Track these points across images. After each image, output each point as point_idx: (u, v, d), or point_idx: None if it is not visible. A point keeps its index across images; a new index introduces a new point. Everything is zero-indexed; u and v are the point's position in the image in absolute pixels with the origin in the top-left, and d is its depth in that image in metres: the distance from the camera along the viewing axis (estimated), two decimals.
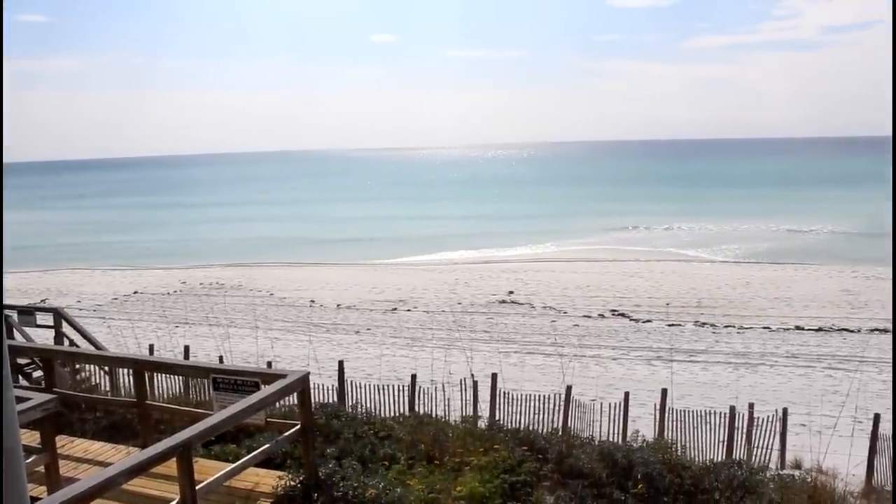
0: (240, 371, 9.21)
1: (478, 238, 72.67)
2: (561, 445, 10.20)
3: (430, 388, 16.74)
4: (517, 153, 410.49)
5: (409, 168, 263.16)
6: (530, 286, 45.99)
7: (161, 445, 6.87)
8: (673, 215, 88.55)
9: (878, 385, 26.83)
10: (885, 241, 67.63)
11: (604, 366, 29.47)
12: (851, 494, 11.55)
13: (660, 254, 62.72)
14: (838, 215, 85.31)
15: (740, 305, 40.58)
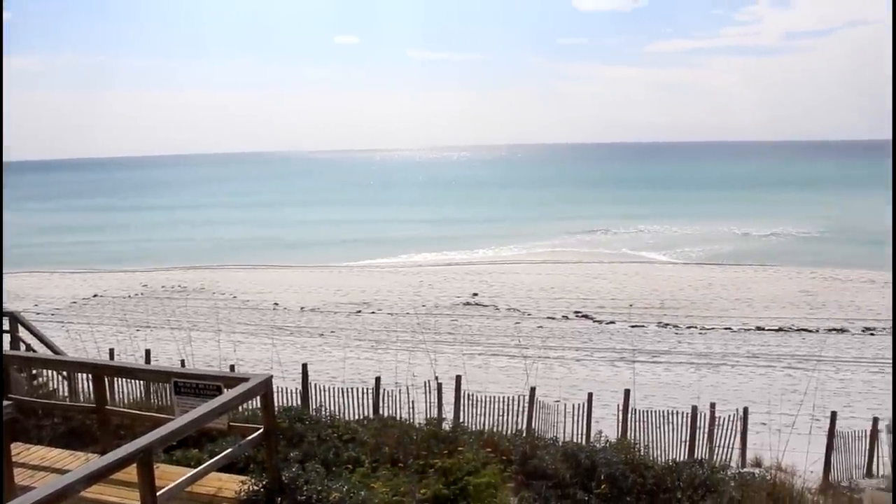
0: (202, 375, 9.10)
1: (442, 240, 72.72)
2: (525, 447, 10.22)
3: (395, 390, 16.70)
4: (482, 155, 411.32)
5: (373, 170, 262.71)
6: (495, 288, 46.12)
7: (121, 451, 6.77)
8: (637, 218, 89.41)
9: (836, 384, 27.30)
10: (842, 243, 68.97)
11: (568, 367, 29.63)
12: (809, 491, 11.74)
13: (623, 256, 63.29)
14: (798, 218, 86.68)
15: (702, 306, 41.04)
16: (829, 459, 14.39)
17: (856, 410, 23.11)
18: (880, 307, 40.68)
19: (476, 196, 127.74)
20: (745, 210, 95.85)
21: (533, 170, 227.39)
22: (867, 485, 13.16)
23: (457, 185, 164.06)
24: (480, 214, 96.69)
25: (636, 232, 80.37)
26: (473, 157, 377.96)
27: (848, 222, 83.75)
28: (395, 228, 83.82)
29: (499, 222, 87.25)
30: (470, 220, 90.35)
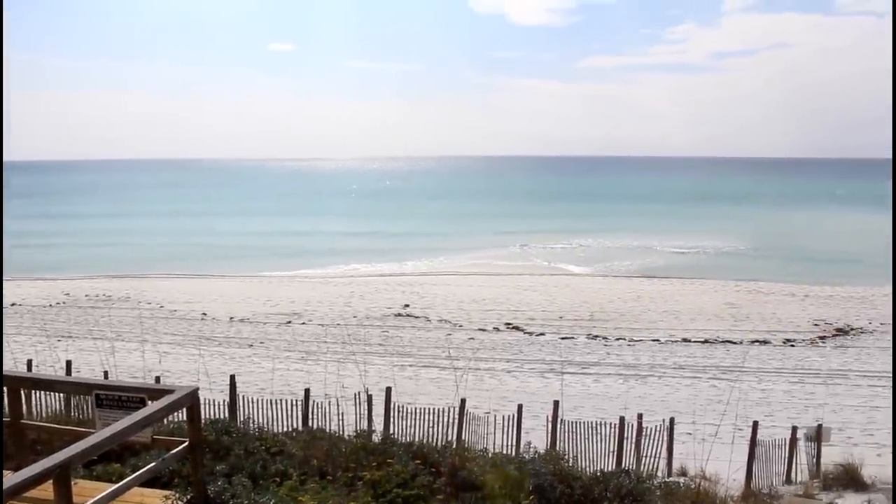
0: (125, 387, 8.87)
1: (374, 251, 72.50)
2: (454, 458, 10.21)
3: (324, 402, 16.55)
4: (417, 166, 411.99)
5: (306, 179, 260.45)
6: (426, 299, 46.14)
7: (36, 467, 6.54)
8: (568, 231, 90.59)
9: (758, 394, 28.03)
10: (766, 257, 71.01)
11: (498, 378, 29.78)
12: (732, 498, 12.02)
13: (554, 268, 64.01)
14: (724, 232, 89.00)
15: (631, 318, 41.72)
16: (750, 467, 14.75)
17: (776, 420, 23.72)
18: (800, 319, 41.98)
19: (409, 207, 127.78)
20: (675, 224, 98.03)
21: (466, 181, 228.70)
22: (786, 491, 13.53)
23: (390, 195, 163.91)
24: (413, 226, 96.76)
25: (567, 244, 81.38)
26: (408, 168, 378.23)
27: (772, 237, 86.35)
28: (326, 239, 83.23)
29: (431, 234, 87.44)
30: (402, 231, 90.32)
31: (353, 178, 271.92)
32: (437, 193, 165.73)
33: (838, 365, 32.94)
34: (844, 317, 42.80)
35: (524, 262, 67.45)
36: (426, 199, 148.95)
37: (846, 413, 25.78)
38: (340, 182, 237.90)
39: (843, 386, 29.60)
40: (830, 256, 70.95)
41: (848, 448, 17.91)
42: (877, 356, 34.65)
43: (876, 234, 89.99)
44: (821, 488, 14.46)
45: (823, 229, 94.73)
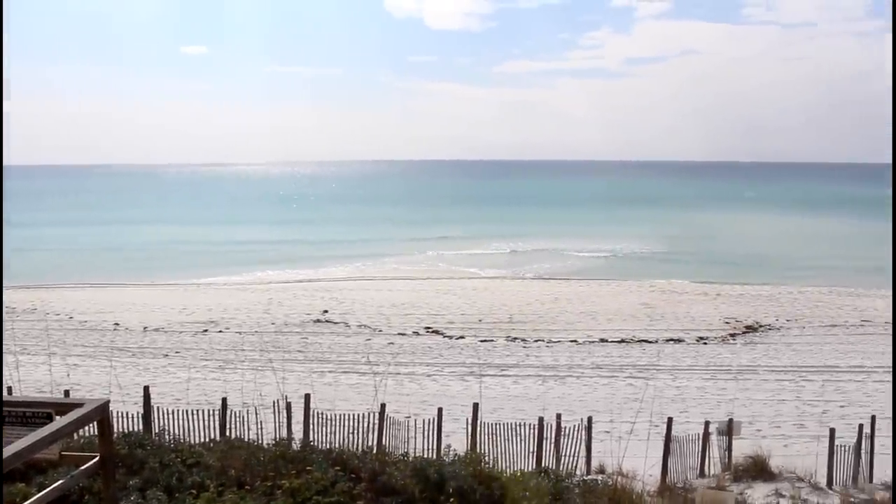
0: (30, 402, 8.55)
1: (292, 257, 71.72)
2: (374, 464, 10.17)
3: (242, 410, 16.27)
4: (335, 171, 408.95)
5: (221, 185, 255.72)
6: (345, 305, 45.86)
7: None
8: (485, 234, 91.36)
9: (672, 391, 28.73)
10: (680, 258, 72.93)
11: (418, 382, 29.80)
12: (648, 494, 12.28)
13: (472, 272, 64.41)
14: (640, 234, 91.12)
15: (549, 320, 42.27)
16: (665, 463, 15.11)
17: (690, 415, 24.35)
18: (712, 317, 43.23)
19: (326, 212, 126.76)
20: (591, 227, 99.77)
21: (385, 186, 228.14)
22: (700, 484, 13.90)
23: (308, 200, 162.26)
24: (330, 231, 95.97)
25: (484, 249, 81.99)
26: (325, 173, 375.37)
27: (685, 239, 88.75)
28: (243, 245, 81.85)
29: (348, 239, 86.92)
30: (319, 237, 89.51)
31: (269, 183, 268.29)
32: (355, 198, 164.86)
33: (748, 361, 34.03)
34: (754, 314, 44.25)
35: (442, 266, 67.71)
36: (344, 203, 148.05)
37: (755, 407, 26.63)
38: (256, 187, 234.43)
39: (752, 381, 30.59)
40: (740, 257, 73.35)
41: (757, 440, 18.49)
42: (783, 352, 35.95)
43: (782, 234, 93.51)
44: (732, 480, 14.91)
45: (734, 231, 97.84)
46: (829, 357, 34.83)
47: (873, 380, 30.98)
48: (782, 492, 13.78)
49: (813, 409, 26.40)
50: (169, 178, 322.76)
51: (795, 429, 24.24)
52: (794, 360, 34.31)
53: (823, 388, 29.43)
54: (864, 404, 26.63)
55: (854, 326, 41.62)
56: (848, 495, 13.88)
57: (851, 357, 34.88)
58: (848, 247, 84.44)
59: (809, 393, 28.81)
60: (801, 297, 50.18)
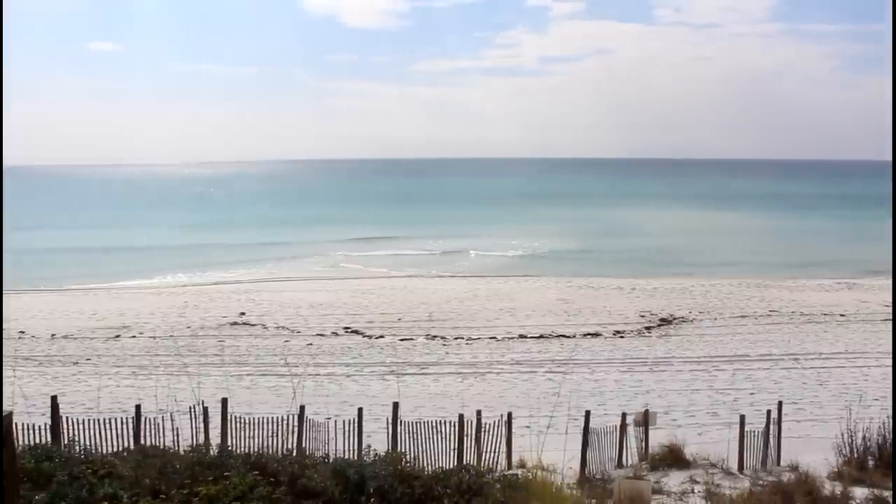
0: None
1: (207, 259, 70.22)
2: (294, 467, 10.03)
3: (158, 417, 15.87)
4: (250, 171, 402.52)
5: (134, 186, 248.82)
6: (263, 307, 45.20)
7: None
8: (404, 233, 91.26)
9: (591, 384, 29.23)
10: (596, 253, 74.27)
11: (339, 383, 29.58)
12: (568, 486, 12.45)
13: (391, 270, 64.31)
14: (556, 230, 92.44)
15: (468, 318, 42.49)
16: (584, 455, 15.34)
17: (608, 408, 24.78)
18: (628, 311, 44.14)
19: (243, 213, 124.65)
20: (509, 224, 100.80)
21: (302, 186, 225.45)
22: (617, 475, 14.16)
23: (223, 201, 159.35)
24: (247, 231, 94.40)
25: (404, 247, 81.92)
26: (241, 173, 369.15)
27: (601, 234, 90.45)
28: (156, 248, 79.71)
29: (266, 239, 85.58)
30: (236, 238, 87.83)
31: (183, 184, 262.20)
32: (272, 198, 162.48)
33: (663, 353, 34.87)
34: (668, 307, 45.37)
35: (360, 266, 67.37)
36: (260, 204, 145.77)
37: (671, 397, 27.31)
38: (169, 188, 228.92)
39: (667, 372, 31.36)
40: (654, 251, 75.13)
41: (672, 430, 18.99)
42: (696, 343, 36.96)
43: (693, 229, 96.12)
44: (649, 469, 15.24)
45: (647, 226, 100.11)
46: (740, 347, 35.96)
47: (780, 367, 32.14)
48: (696, 478, 14.15)
49: (725, 398, 27.21)
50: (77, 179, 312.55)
51: (709, 417, 24.93)
52: (707, 350, 35.31)
53: (734, 377, 30.37)
54: (772, 391, 27.57)
55: (762, 317, 43.07)
56: (757, 478, 14.34)
57: (760, 346, 36.08)
58: (755, 240, 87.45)
59: (721, 382, 29.69)
60: (712, 289, 51.66)
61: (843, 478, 13.31)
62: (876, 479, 13.33)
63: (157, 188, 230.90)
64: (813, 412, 25.27)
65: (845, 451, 14.83)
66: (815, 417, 24.41)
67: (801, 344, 36.51)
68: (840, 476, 13.53)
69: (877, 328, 40.27)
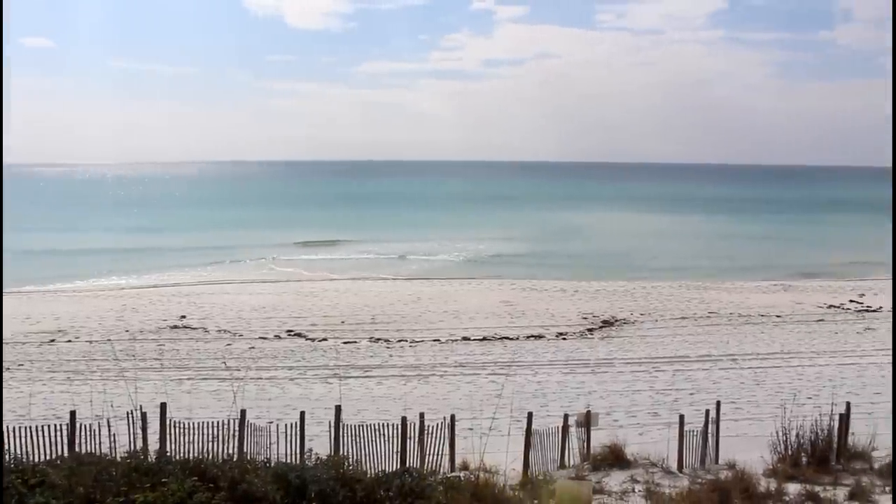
0: None
1: (146, 261, 68.82)
2: (234, 472, 9.90)
3: (94, 424, 15.49)
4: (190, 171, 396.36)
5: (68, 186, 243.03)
6: (204, 310, 44.53)
7: None
8: (348, 235, 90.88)
9: (533, 386, 29.42)
10: (539, 256, 74.84)
11: (281, 387, 29.28)
12: (511, 487, 12.49)
13: (334, 272, 63.94)
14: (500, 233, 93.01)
15: (412, 320, 42.45)
16: (527, 456, 15.43)
17: (551, 409, 24.96)
18: (571, 313, 44.57)
19: (182, 214, 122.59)
20: (453, 226, 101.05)
21: (243, 188, 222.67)
22: (559, 475, 14.26)
23: (163, 202, 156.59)
24: (188, 233, 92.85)
25: (348, 249, 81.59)
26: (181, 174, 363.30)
27: (544, 237, 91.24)
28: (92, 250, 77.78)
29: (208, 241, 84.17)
30: (176, 240, 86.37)
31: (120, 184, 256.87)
32: (213, 200, 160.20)
33: (605, 354, 35.27)
34: (610, 309, 45.91)
35: (303, 269, 66.85)
36: (202, 205, 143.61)
37: (612, 398, 27.63)
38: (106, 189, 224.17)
39: (609, 374, 31.72)
40: (596, 254, 76.10)
41: (614, 430, 19.21)
42: (638, 344, 37.47)
43: (635, 232, 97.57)
44: (591, 469, 15.37)
45: (590, 229, 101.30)
46: (680, 348, 36.56)
47: (719, 367, 32.76)
48: (637, 478, 14.32)
49: (665, 398, 27.63)
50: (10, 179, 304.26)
51: (649, 417, 25.29)
52: (648, 351, 35.82)
53: (674, 378, 30.86)
54: (711, 391, 28.08)
55: (702, 318, 43.85)
56: (696, 477, 14.57)
57: (700, 347, 36.73)
58: (696, 243, 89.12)
59: (662, 382, 30.14)
60: (653, 291, 52.45)
61: (778, 474, 13.61)
62: (808, 475, 13.67)
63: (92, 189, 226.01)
64: (750, 411, 25.80)
65: (780, 448, 15.17)
66: (752, 416, 24.93)
67: (740, 345, 37.27)
68: (775, 473, 13.83)
69: (811, 329, 41.34)
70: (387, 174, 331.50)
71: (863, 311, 46.42)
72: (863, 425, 17.62)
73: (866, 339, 38.78)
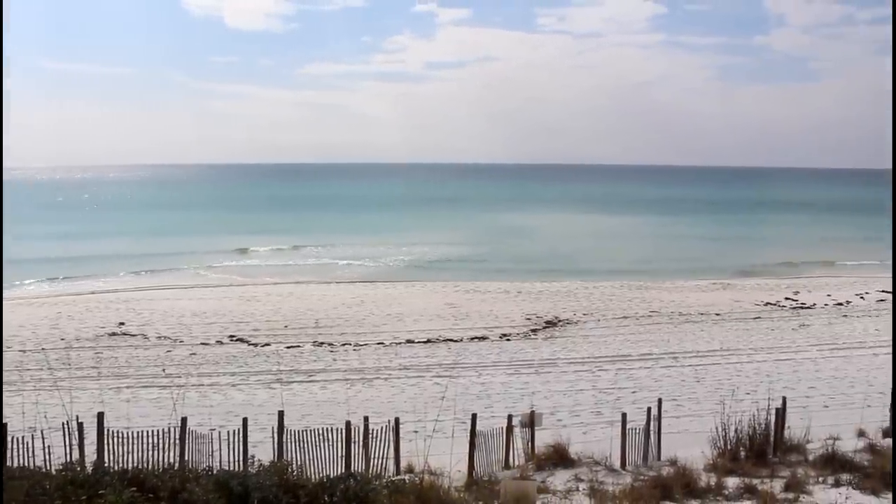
0: None
1: (82, 267, 67.06)
2: (174, 481, 9.70)
3: (27, 436, 15.05)
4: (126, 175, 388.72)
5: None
6: (143, 316, 43.68)
7: None
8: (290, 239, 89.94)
9: (478, 388, 29.50)
10: (483, 257, 75.12)
11: (223, 393, 28.88)
12: (456, 489, 12.49)
13: (277, 276, 63.33)
14: (444, 234, 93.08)
15: (356, 323, 42.26)
16: (472, 458, 15.44)
17: (495, 410, 25.05)
18: (514, 314, 44.83)
19: (120, 219, 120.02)
20: (396, 229, 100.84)
21: (183, 191, 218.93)
22: (504, 476, 14.30)
23: (97, 206, 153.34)
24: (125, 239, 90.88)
25: (291, 253, 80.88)
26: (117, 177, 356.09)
27: (488, 239, 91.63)
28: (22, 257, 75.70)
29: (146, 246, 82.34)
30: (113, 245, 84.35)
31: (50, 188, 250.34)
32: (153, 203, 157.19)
33: (548, 354, 35.56)
34: (553, 310, 46.31)
35: (246, 273, 66.05)
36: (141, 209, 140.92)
37: (556, 398, 27.85)
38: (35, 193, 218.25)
39: (553, 374, 31.98)
40: (539, 255, 76.70)
41: (558, 430, 19.32)
42: (581, 344, 37.87)
43: (578, 233, 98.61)
44: (535, 469, 15.45)
45: (533, 230, 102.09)
46: (622, 347, 37.05)
47: (661, 366, 33.27)
48: (581, 476, 14.43)
49: (608, 397, 27.95)
50: None
51: (593, 416, 25.54)
52: (591, 351, 36.22)
53: (617, 377, 31.24)
54: (653, 389, 28.47)
55: (643, 317, 44.52)
56: (639, 474, 14.75)
57: (641, 346, 37.28)
58: (637, 243, 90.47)
59: (605, 381, 30.48)
60: (595, 291, 53.07)
61: (718, 469, 13.85)
62: (747, 469, 13.96)
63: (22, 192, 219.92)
64: (691, 408, 26.24)
65: (720, 443, 15.47)
66: (693, 413, 25.34)
67: (680, 343, 37.91)
68: (715, 467, 14.08)
69: (749, 326, 42.27)
70: (330, 177, 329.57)
71: (797, 308, 47.65)
72: (798, 419, 18.12)
73: (801, 336, 39.81)
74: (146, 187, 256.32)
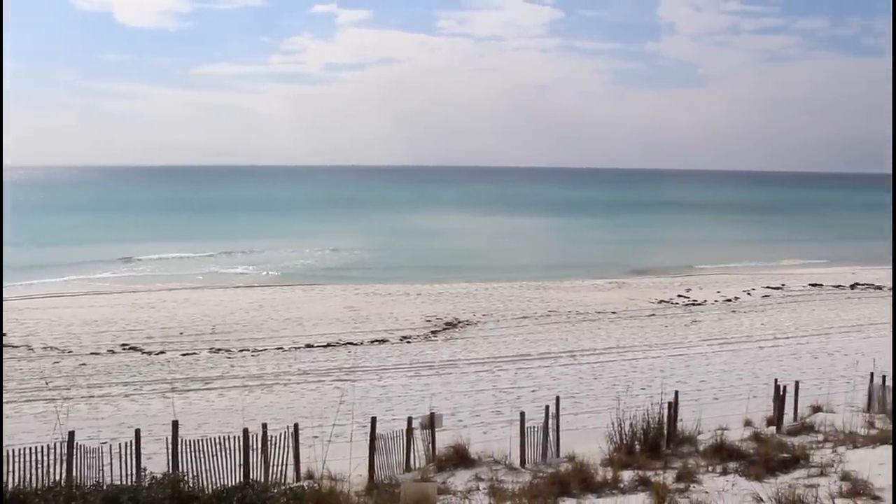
0: None
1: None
2: (59, 499, 9.31)
3: None
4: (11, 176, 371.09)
5: None
6: (27, 326, 41.73)
7: None
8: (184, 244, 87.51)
9: (378, 391, 29.42)
10: (381, 260, 74.92)
11: (115, 404, 27.90)
12: (357, 493, 12.40)
13: (171, 282, 61.52)
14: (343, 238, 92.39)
15: (254, 328, 41.56)
16: (372, 461, 15.35)
17: (396, 413, 25.00)
18: (414, 316, 44.91)
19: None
20: (295, 232, 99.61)
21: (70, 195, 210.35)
22: (405, 478, 14.28)
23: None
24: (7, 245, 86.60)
25: (186, 260, 78.73)
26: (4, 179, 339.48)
27: (387, 241, 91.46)
28: None
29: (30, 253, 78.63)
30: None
31: None
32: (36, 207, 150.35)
33: (449, 356, 35.74)
34: (453, 311, 46.60)
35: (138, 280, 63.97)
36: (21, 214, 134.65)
37: (457, 399, 28.00)
38: None
39: (453, 375, 32.15)
40: (439, 257, 76.98)
41: (458, 430, 19.41)
42: (481, 344, 38.21)
43: (478, 234, 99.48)
44: (436, 470, 15.47)
45: (433, 232, 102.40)
46: (522, 346, 37.57)
47: (559, 364, 33.90)
48: (481, 476, 14.54)
49: (508, 396, 28.27)
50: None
51: (493, 415, 25.78)
52: (491, 351, 36.58)
53: (517, 376, 31.65)
54: (551, 387, 28.94)
55: (542, 317, 45.27)
56: (538, 471, 14.95)
57: (541, 345, 37.88)
58: (535, 244, 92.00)
59: (505, 381, 30.83)
60: (495, 292, 53.66)
61: (614, 463, 14.17)
62: (641, 462, 14.33)
63: None
64: (588, 404, 26.80)
65: (616, 438, 15.84)
66: (591, 409, 25.89)
67: (578, 341, 38.71)
68: (611, 462, 14.40)
69: (643, 323, 43.53)
70: (228, 179, 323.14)
71: (689, 305, 49.35)
72: (690, 411, 18.70)
73: (692, 332, 41.25)
74: (33, 190, 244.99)
